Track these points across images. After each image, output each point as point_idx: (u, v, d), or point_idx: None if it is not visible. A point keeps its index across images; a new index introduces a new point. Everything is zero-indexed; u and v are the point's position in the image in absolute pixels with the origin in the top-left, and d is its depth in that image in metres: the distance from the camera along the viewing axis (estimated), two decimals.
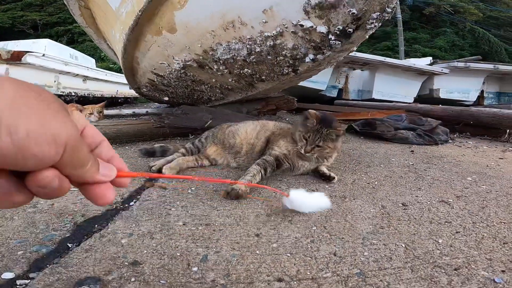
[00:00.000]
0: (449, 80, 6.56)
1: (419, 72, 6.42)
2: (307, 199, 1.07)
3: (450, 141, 2.87)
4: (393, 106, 4.44)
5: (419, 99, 6.49)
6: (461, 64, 6.46)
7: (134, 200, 1.22)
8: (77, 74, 5.76)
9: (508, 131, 3.01)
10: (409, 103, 5.59)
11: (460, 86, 6.69)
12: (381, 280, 0.74)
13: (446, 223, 1.06)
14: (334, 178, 1.48)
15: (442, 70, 6.40)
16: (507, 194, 1.37)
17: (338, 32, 1.33)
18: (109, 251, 0.85)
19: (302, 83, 5.14)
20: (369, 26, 1.27)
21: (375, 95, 6.32)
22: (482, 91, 7.16)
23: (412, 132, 2.78)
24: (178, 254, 0.85)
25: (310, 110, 1.47)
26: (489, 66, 6.66)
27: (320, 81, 5.77)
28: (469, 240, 0.94)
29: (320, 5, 1.27)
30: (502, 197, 1.33)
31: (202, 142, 1.76)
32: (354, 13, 1.23)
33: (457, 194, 1.36)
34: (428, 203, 1.25)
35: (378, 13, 1.23)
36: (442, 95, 6.61)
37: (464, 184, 1.51)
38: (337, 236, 0.96)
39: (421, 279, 0.74)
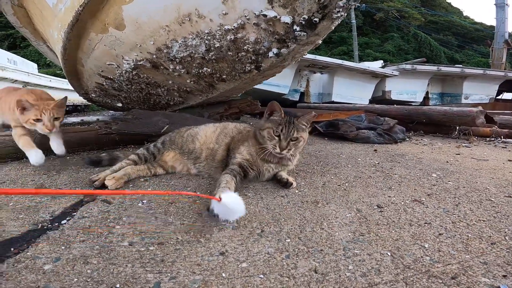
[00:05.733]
0: (399, 82, 7.02)
1: (373, 74, 6.76)
2: (239, 203, 0.95)
3: (407, 139, 2.98)
4: (353, 107, 4.56)
5: (373, 100, 6.83)
6: (408, 66, 6.96)
7: (67, 218, 1.01)
8: (16, 80, 5.17)
9: (458, 128, 3.20)
10: (366, 104, 5.84)
11: (408, 87, 7.19)
12: None
13: (426, 224, 1.00)
14: (292, 184, 1.35)
15: (392, 72, 6.81)
16: (475, 189, 1.38)
17: (303, 22, 1.24)
18: (26, 280, 0.68)
19: (265, 87, 5.12)
20: (336, 15, 1.20)
21: (334, 98, 6.51)
22: (427, 92, 7.75)
23: (372, 132, 2.83)
24: (122, 282, 0.68)
25: (273, 101, 1.33)
26: (433, 68, 7.24)
27: (282, 85, 5.82)
28: (455, 243, 0.88)
29: None
30: (471, 193, 1.32)
31: (158, 148, 1.55)
32: (320, 0, 1.15)
33: (427, 192, 1.33)
34: (402, 203, 1.20)
35: (345, 0, 1.17)
36: (393, 96, 7.03)
37: (431, 181, 1.50)
38: (315, 248, 0.84)
39: None
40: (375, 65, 7.78)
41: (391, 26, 26.56)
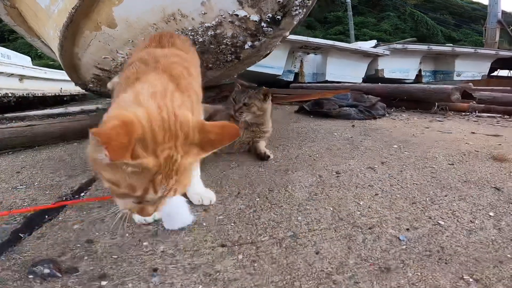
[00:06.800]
0: (391, 61, 7.14)
1: (365, 54, 6.88)
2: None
3: (387, 115, 3.16)
4: (340, 86, 4.74)
5: (367, 79, 6.99)
6: (399, 46, 7.08)
7: (85, 191, 1.24)
8: (12, 74, 5.31)
9: (437, 104, 3.41)
10: (359, 83, 6.01)
11: (400, 66, 7.33)
12: (309, 240, 0.88)
13: (369, 186, 1.24)
14: (269, 156, 1.59)
15: (383, 52, 6.92)
16: (424, 158, 1.60)
17: (268, 20, 1.46)
18: (61, 236, 0.91)
19: (259, 69, 5.27)
20: (294, 12, 1.41)
21: (328, 77, 6.67)
22: (420, 70, 7.88)
23: (354, 109, 3.03)
24: (130, 232, 0.92)
25: (236, 79, 1.66)
26: (423, 47, 7.35)
27: (276, 66, 5.96)
28: (384, 201, 1.11)
29: None
30: (419, 161, 1.55)
31: None
32: (279, 1, 1.37)
33: (382, 161, 1.56)
34: (358, 170, 1.43)
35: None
36: (386, 74, 7.18)
37: (390, 152, 1.73)
38: (277, 205, 1.09)
39: (341, 238, 0.89)
40: (367, 45, 7.85)
41: (387, 5, 26.11)
